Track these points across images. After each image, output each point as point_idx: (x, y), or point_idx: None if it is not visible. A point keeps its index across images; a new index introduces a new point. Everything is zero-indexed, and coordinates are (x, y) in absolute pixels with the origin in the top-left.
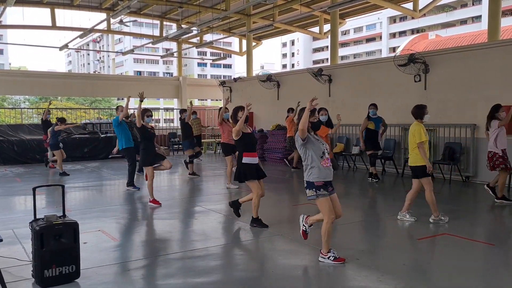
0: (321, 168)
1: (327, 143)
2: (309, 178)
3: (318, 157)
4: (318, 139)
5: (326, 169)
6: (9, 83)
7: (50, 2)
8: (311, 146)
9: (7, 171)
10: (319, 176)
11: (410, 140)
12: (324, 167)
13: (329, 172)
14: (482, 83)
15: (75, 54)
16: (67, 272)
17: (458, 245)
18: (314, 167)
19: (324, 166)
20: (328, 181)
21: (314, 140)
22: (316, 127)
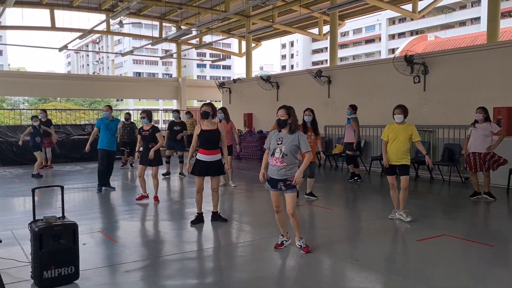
0: (270, 165)
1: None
2: None
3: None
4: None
5: (271, 167)
6: (8, 84)
7: (49, 3)
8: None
9: (6, 172)
10: (268, 171)
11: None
12: (270, 164)
13: (274, 170)
14: (481, 85)
15: (74, 55)
16: (66, 273)
17: (457, 246)
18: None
19: (270, 164)
20: (274, 178)
21: (273, 139)
22: (280, 125)
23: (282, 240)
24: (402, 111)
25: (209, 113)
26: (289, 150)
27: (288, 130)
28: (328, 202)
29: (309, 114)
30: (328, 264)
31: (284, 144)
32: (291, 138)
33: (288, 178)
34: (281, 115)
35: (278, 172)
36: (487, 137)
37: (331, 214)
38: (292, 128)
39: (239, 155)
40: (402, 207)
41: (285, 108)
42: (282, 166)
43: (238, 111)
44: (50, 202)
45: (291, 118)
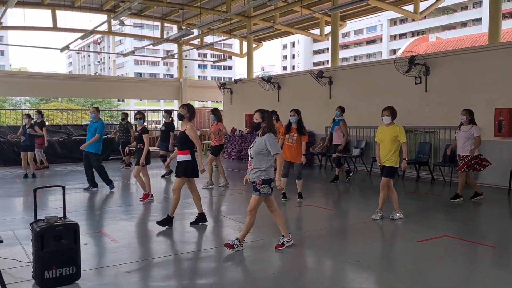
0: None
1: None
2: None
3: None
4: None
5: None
6: (9, 84)
7: (51, 3)
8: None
9: (7, 172)
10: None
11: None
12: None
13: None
14: (482, 86)
15: (75, 55)
16: (67, 273)
17: (458, 247)
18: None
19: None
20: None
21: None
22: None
23: (282, 240)
24: (390, 112)
25: (183, 115)
26: (255, 153)
27: (260, 134)
28: (329, 203)
29: (294, 115)
30: (329, 265)
31: (252, 147)
32: (258, 141)
33: (255, 181)
34: (256, 118)
35: (250, 175)
36: (469, 139)
37: (332, 215)
38: (264, 131)
39: (240, 155)
40: (380, 206)
41: (260, 111)
42: (250, 169)
43: (239, 111)
44: (51, 202)
45: (265, 121)
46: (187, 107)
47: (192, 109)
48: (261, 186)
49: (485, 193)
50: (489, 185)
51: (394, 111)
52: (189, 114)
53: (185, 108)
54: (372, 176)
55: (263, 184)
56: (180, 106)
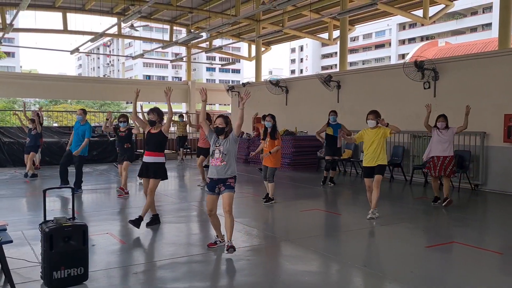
0: (210, 167)
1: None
2: None
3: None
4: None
5: (212, 168)
6: (20, 86)
7: (62, 6)
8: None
9: (16, 173)
10: (208, 174)
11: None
12: (211, 165)
13: (215, 170)
14: (492, 91)
15: (85, 57)
16: (75, 274)
17: (466, 254)
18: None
19: (211, 165)
20: (214, 179)
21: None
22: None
23: (216, 240)
24: (375, 116)
25: (155, 121)
26: (227, 150)
27: (224, 137)
28: (336, 207)
29: (270, 120)
30: (336, 270)
31: (222, 145)
32: (226, 141)
33: (227, 178)
34: (219, 123)
35: (219, 172)
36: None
37: (339, 219)
38: (227, 134)
39: (247, 159)
40: (374, 205)
41: (223, 117)
42: (222, 165)
43: (247, 115)
44: (60, 203)
45: (228, 126)
46: (156, 113)
47: (161, 113)
48: (234, 183)
49: (494, 199)
50: (497, 191)
51: (379, 115)
52: (160, 118)
53: (155, 113)
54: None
55: (235, 181)
56: (150, 112)
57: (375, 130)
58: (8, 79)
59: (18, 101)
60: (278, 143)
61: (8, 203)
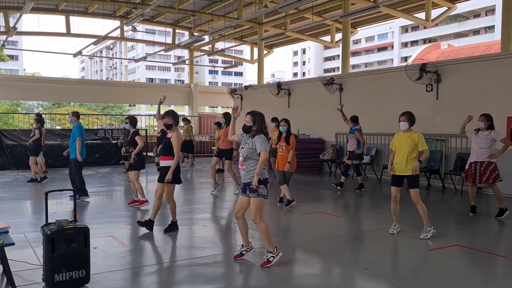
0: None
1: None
2: None
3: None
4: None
5: (240, 170)
6: (23, 89)
7: (65, 9)
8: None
9: (19, 176)
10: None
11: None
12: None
13: (241, 174)
14: (495, 94)
15: (88, 60)
16: (77, 276)
17: (469, 257)
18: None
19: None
20: (244, 182)
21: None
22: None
23: (241, 250)
24: (408, 118)
25: (171, 125)
26: (247, 154)
27: (251, 136)
28: (339, 210)
29: (284, 125)
30: (338, 272)
31: (244, 148)
32: (250, 142)
33: (250, 182)
34: (247, 121)
35: (243, 176)
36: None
37: (342, 222)
38: (254, 134)
39: None
40: (426, 223)
41: (252, 114)
42: (243, 169)
43: None
44: (62, 205)
45: (257, 125)
46: (172, 116)
47: (176, 116)
48: (258, 187)
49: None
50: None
51: (412, 116)
52: (175, 121)
53: (170, 117)
54: (383, 184)
55: (259, 185)
56: (165, 115)
57: (408, 135)
58: (12, 82)
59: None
60: (292, 147)
61: (11, 205)
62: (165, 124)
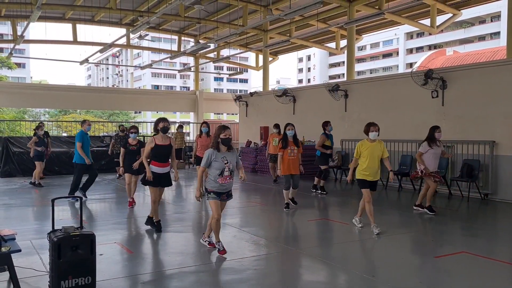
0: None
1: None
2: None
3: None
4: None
5: (221, 184)
6: (30, 96)
7: (72, 17)
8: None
9: (26, 182)
10: (213, 186)
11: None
12: (220, 183)
13: (223, 187)
14: (500, 100)
15: (94, 68)
16: (83, 283)
17: (476, 264)
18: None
19: (220, 182)
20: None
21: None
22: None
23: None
24: (379, 128)
25: (168, 129)
26: (234, 167)
27: (227, 149)
28: (343, 217)
29: (291, 129)
30: (344, 279)
31: (230, 162)
32: (232, 155)
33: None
34: (229, 134)
35: (227, 187)
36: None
37: (347, 229)
38: (230, 146)
39: (255, 168)
40: (373, 220)
41: (228, 128)
42: (231, 182)
43: (255, 124)
44: (68, 212)
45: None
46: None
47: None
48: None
49: (504, 208)
50: (507, 200)
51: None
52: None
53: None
54: (387, 190)
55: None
56: (165, 119)
57: (377, 144)
58: (19, 90)
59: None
60: (300, 150)
61: (17, 212)
62: (166, 127)
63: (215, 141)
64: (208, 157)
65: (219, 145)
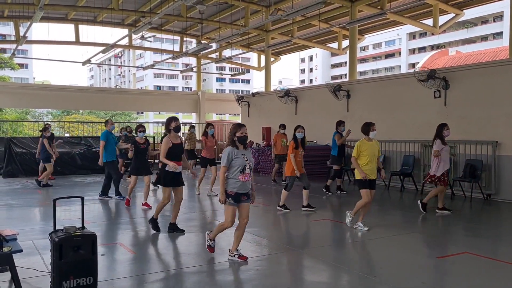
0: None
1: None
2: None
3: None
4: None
5: (243, 183)
6: (33, 97)
7: (74, 18)
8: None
9: (28, 183)
10: (234, 187)
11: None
12: (242, 181)
13: (244, 185)
14: (503, 100)
15: (97, 68)
16: (84, 284)
17: (479, 264)
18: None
19: (242, 180)
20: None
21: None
22: (243, 141)
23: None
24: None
25: (180, 127)
26: (253, 165)
27: (243, 147)
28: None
29: (302, 131)
30: (346, 280)
31: (250, 160)
32: (249, 153)
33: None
34: (245, 132)
35: (248, 186)
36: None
37: (349, 230)
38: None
39: (257, 168)
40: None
41: (244, 126)
42: (250, 179)
43: (257, 124)
44: (70, 212)
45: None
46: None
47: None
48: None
49: (507, 209)
50: (510, 201)
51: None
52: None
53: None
54: (390, 191)
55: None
56: (176, 118)
57: (374, 143)
58: (22, 90)
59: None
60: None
61: (20, 212)
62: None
63: (232, 139)
64: (228, 155)
65: (235, 143)
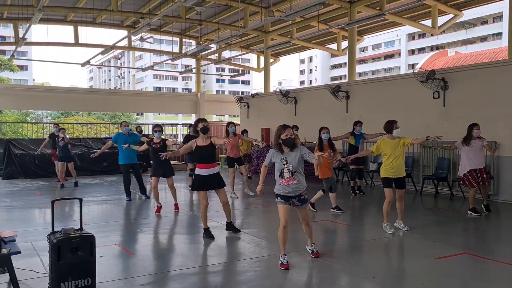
0: (281, 186)
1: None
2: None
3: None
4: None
5: (284, 187)
6: (32, 98)
7: (73, 20)
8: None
9: (27, 184)
10: (278, 189)
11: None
12: (282, 185)
13: (287, 189)
14: (503, 101)
15: (96, 70)
16: (83, 285)
17: (477, 265)
18: (276, 182)
19: (281, 185)
20: (286, 196)
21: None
22: (288, 144)
23: (286, 259)
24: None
25: (208, 129)
26: (296, 167)
27: (289, 149)
28: (345, 218)
29: (326, 132)
30: (345, 281)
31: (291, 163)
32: (293, 155)
33: (301, 192)
34: (290, 134)
35: (293, 190)
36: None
37: (349, 230)
38: (293, 146)
39: (256, 169)
40: (401, 217)
41: (289, 127)
42: (294, 183)
43: (256, 125)
44: (69, 214)
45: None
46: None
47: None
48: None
49: (507, 209)
50: (510, 201)
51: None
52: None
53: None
54: None
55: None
56: (204, 120)
57: (398, 141)
58: (21, 92)
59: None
60: (337, 152)
61: (19, 214)
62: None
63: (277, 142)
64: (269, 157)
65: (281, 146)
